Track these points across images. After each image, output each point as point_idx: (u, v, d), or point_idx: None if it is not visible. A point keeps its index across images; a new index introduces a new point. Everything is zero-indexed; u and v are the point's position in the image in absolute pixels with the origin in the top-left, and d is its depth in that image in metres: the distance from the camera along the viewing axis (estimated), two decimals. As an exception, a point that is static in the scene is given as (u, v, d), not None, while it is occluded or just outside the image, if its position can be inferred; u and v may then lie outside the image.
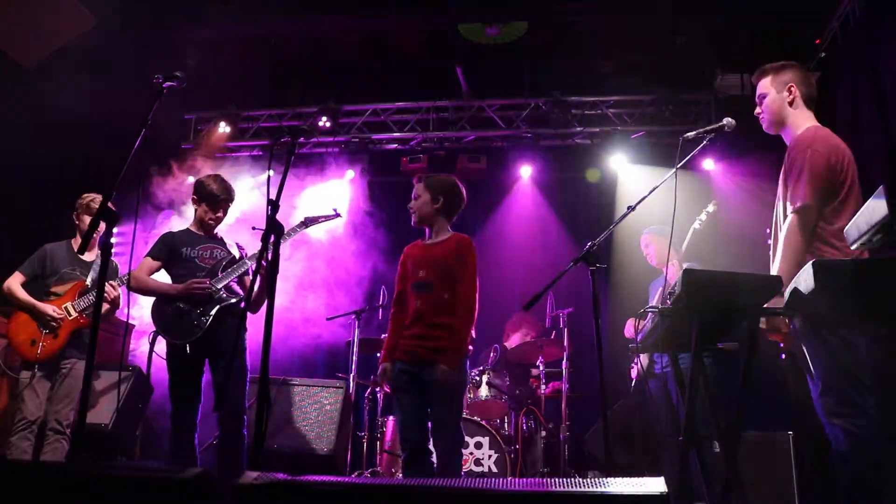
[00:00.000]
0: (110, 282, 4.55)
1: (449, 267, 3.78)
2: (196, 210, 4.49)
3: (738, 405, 2.99)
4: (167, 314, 4.22)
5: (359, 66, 8.08)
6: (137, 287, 4.30)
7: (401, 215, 7.72)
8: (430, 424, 3.68)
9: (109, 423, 5.23)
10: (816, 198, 2.97)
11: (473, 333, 3.79)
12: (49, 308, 4.54)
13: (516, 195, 8.11)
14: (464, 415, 5.12)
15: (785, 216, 3.12)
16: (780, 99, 3.28)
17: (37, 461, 4.12)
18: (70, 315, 4.55)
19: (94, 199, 4.78)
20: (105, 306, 4.60)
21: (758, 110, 3.38)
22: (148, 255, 4.39)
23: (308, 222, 4.35)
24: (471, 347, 3.79)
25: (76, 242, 4.82)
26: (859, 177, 3.11)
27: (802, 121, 3.27)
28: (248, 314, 4.18)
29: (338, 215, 4.28)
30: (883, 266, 2.48)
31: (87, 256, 4.77)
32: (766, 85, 3.33)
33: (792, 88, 3.26)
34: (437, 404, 3.65)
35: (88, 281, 4.66)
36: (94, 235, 4.72)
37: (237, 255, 4.45)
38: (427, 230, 4.00)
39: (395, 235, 7.45)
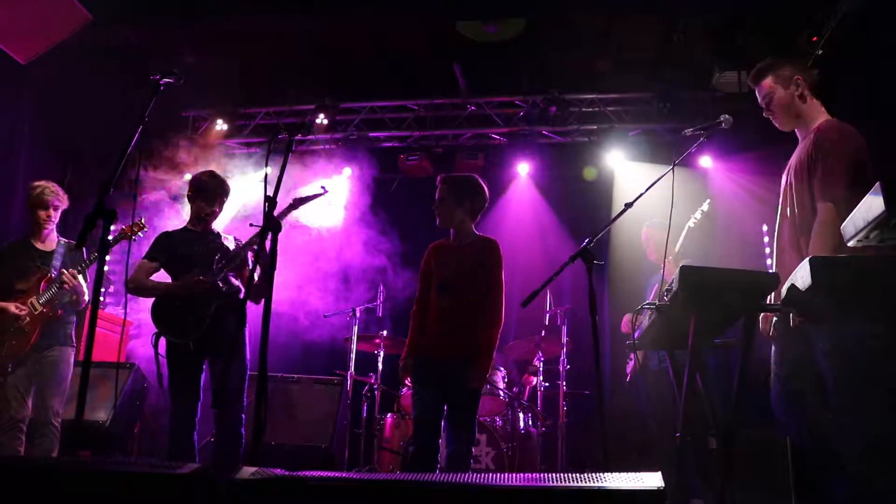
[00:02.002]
0: (70, 270, 4.47)
1: (476, 269, 3.85)
2: (192, 206, 4.48)
3: (736, 402, 3.00)
4: (167, 313, 4.21)
5: (357, 64, 8.07)
6: (136, 290, 4.29)
7: (399, 213, 7.81)
8: (446, 422, 3.73)
9: (107, 420, 5.23)
10: (851, 189, 2.88)
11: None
12: (11, 306, 4.41)
13: (514, 193, 8.12)
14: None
15: (802, 207, 3.09)
16: (789, 95, 3.22)
17: (33, 457, 4.10)
18: (35, 309, 4.44)
19: (45, 188, 4.68)
20: (71, 296, 4.56)
21: (766, 112, 3.31)
22: (145, 257, 4.36)
23: (297, 203, 4.30)
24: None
25: (36, 236, 4.69)
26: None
27: (816, 113, 3.24)
28: (248, 310, 4.16)
29: (325, 192, 4.25)
30: (879, 263, 2.49)
31: (47, 247, 4.68)
32: (770, 84, 3.27)
33: (799, 81, 3.22)
34: (460, 405, 3.70)
35: (54, 272, 4.54)
36: (51, 226, 4.72)
37: (233, 248, 4.43)
38: (451, 231, 4.01)
39: (393, 233, 7.45)
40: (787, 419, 3.10)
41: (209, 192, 4.42)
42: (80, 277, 4.53)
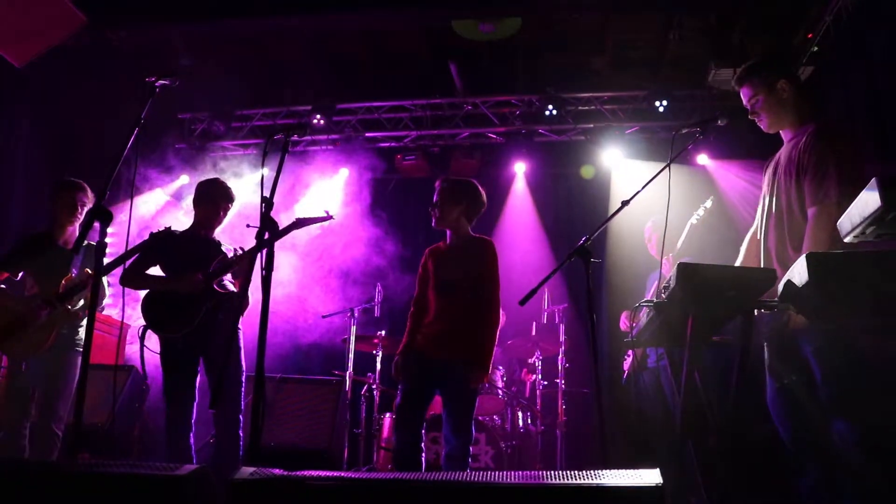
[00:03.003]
0: (87, 269, 4.40)
1: (472, 269, 3.87)
2: (195, 211, 4.50)
3: (734, 399, 3.00)
4: (158, 309, 4.20)
5: (353, 65, 8.08)
6: (130, 282, 4.28)
7: (396, 213, 7.81)
8: (444, 421, 3.74)
9: (107, 422, 5.22)
10: (844, 192, 2.89)
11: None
12: (33, 304, 4.34)
13: (511, 191, 8.13)
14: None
15: (790, 210, 3.11)
16: (773, 97, 3.23)
17: (34, 460, 4.09)
18: (56, 309, 4.35)
19: (73, 184, 4.66)
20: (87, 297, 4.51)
21: (751, 114, 3.32)
22: (143, 252, 4.37)
23: (299, 223, 4.32)
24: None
25: (60, 233, 4.64)
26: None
27: (803, 114, 3.24)
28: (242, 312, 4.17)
29: (330, 217, 4.27)
30: (876, 259, 2.49)
31: (68, 245, 4.61)
32: (755, 87, 3.28)
33: (783, 84, 3.21)
34: (458, 403, 3.71)
35: (74, 271, 4.46)
36: (76, 224, 4.68)
37: (230, 255, 4.43)
38: (448, 232, 4.05)
39: (391, 232, 7.45)
40: (779, 414, 3.12)
41: (213, 199, 4.45)
42: (104, 280, 4.49)
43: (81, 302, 4.49)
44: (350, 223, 7.50)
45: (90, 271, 4.38)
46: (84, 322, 4.57)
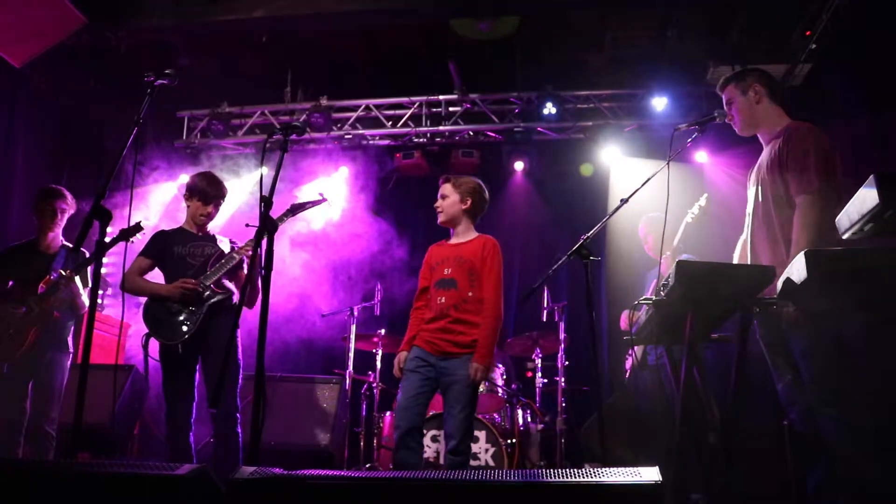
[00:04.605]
0: (69, 270, 4.44)
1: (474, 266, 3.90)
2: (188, 208, 4.49)
3: (734, 395, 3.01)
4: (158, 315, 4.20)
5: (352, 63, 8.07)
6: (129, 288, 4.28)
7: (395, 211, 7.81)
8: (444, 418, 3.76)
9: (106, 422, 5.22)
10: (825, 180, 3.02)
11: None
12: (8, 307, 4.40)
13: (510, 189, 8.12)
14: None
15: (778, 204, 3.14)
16: (746, 101, 3.41)
17: (33, 460, 4.09)
18: (32, 310, 4.40)
19: (51, 192, 4.73)
20: (69, 299, 4.54)
21: (728, 117, 3.50)
22: (140, 254, 4.38)
23: (295, 209, 4.31)
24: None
25: (41, 239, 4.72)
26: (851, 165, 3.16)
27: (777, 117, 3.38)
28: (243, 310, 4.16)
29: (324, 200, 4.27)
30: (874, 255, 2.50)
31: (50, 250, 4.69)
32: (731, 91, 3.47)
33: (756, 88, 3.39)
34: (459, 402, 3.72)
35: (54, 275, 4.50)
36: (57, 230, 4.73)
37: (227, 251, 4.42)
38: (451, 230, 4.09)
39: (390, 231, 7.45)
40: (793, 410, 3.15)
41: (205, 194, 4.42)
42: (78, 279, 4.50)
43: (65, 302, 4.53)
44: (350, 221, 7.50)
45: (63, 272, 4.44)
46: (69, 324, 4.62)
